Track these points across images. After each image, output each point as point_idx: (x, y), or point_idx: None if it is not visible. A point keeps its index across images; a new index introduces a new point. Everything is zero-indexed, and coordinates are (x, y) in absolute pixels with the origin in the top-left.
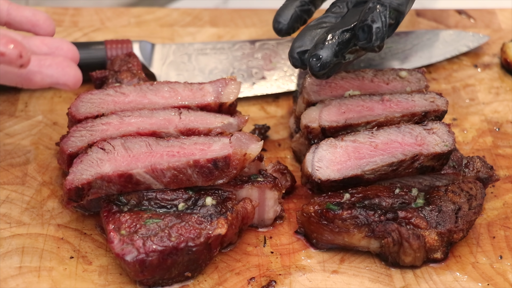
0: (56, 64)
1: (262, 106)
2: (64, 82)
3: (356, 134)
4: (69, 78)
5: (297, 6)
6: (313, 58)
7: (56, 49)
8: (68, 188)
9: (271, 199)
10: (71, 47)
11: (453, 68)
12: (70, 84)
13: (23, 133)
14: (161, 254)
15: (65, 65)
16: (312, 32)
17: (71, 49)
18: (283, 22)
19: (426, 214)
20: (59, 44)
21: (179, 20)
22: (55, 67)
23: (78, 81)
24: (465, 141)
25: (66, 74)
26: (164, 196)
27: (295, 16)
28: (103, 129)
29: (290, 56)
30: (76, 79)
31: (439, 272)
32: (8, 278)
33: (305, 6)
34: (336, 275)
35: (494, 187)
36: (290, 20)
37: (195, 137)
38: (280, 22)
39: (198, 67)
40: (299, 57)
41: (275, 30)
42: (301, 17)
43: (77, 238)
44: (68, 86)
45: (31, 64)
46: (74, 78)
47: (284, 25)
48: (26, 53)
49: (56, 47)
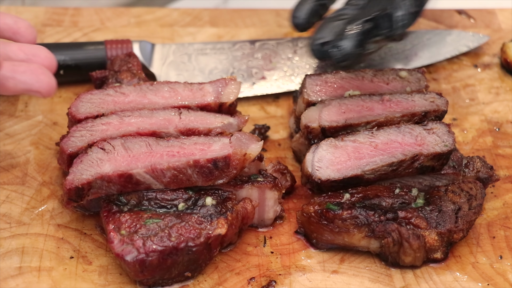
0: (30, 70)
1: (262, 106)
2: (37, 89)
3: (356, 134)
4: (42, 85)
5: (313, 1)
6: (335, 49)
7: (33, 56)
8: (68, 188)
9: (271, 199)
10: (48, 55)
11: (453, 68)
12: (43, 91)
13: (23, 133)
14: (161, 254)
15: (40, 72)
16: (332, 23)
17: (48, 57)
18: (301, 17)
19: (426, 214)
20: (36, 51)
21: (179, 20)
22: (29, 74)
23: (51, 88)
24: (465, 141)
25: (39, 81)
26: (164, 196)
27: (312, 11)
28: (103, 129)
29: (311, 47)
30: (49, 87)
31: (439, 272)
32: (8, 278)
33: (321, 0)
34: (336, 275)
35: (494, 187)
36: (307, 15)
37: (195, 137)
38: (297, 17)
39: (198, 67)
40: (319, 48)
41: (293, 25)
42: (317, 11)
43: (77, 238)
44: (41, 94)
45: (5, 70)
46: (47, 86)
47: (302, 20)
48: None
49: (33, 54)
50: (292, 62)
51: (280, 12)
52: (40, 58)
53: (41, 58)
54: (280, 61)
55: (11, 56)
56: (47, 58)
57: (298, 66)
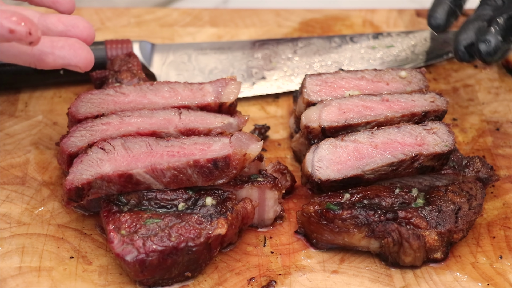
0: (68, 45)
1: (262, 106)
2: (76, 63)
3: (356, 134)
4: (80, 60)
5: (450, 1)
6: (483, 44)
7: (72, 26)
8: (68, 188)
9: (271, 199)
10: (87, 25)
11: (453, 68)
12: (82, 65)
13: (23, 133)
14: (161, 254)
15: (77, 47)
16: (474, 24)
17: (87, 27)
18: (440, 18)
19: (426, 214)
20: (75, 21)
21: (179, 20)
22: (68, 49)
23: (89, 62)
24: (465, 141)
25: (78, 56)
26: (164, 196)
27: (450, 11)
28: (103, 129)
29: (457, 49)
30: (87, 61)
31: (439, 272)
32: (8, 278)
33: (457, 1)
34: (336, 275)
35: (494, 187)
36: (446, 15)
37: (195, 137)
38: (437, 18)
39: (198, 67)
40: (465, 50)
41: (432, 26)
42: (454, 11)
43: (77, 238)
44: (80, 68)
45: (44, 45)
46: (85, 60)
47: (441, 21)
48: (36, 31)
49: (72, 24)
50: (292, 62)
51: (280, 12)
52: (79, 29)
53: (80, 29)
54: (280, 61)
55: (50, 27)
56: (85, 29)
57: (298, 66)
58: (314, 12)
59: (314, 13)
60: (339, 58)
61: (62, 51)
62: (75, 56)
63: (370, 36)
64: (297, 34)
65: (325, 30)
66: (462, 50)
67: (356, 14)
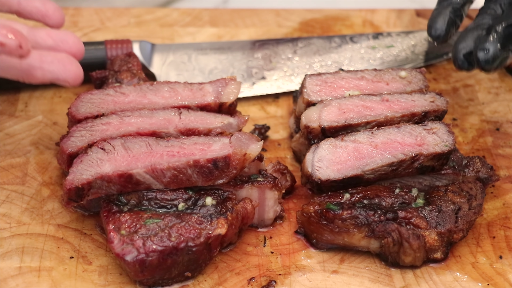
0: (57, 60)
1: (262, 106)
2: (64, 78)
3: (356, 134)
4: (69, 75)
5: (450, 12)
6: (481, 52)
7: (61, 41)
8: (68, 188)
9: (271, 199)
10: (76, 41)
11: (453, 68)
12: (70, 80)
13: (23, 133)
14: (161, 254)
15: (67, 62)
16: (473, 33)
17: (76, 43)
18: (440, 28)
19: (426, 214)
20: (64, 37)
21: (179, 20)
22: (57, 64)
23: (78, 78)
24: (465, 141)
25: (67, 71)
26: (164, 196)
27: (450, 21)
28: (103, 129)
29: (456, 58)
30: (76, 76)
31: (439, 272)
32: (8, 278)
33: (457, 11)
34: (336, 275)
35: (494, 187)
36: (446, 26)
37: (195, 137)
38: (437, 29)
39: (198, 67)
40: (465, 58)
41: (433, 37)
42: (455, 21)
43: (77, 238)
44: (68, 83)
45: (33, 59)
46: (74, 75)
47: (442, 31)
48: (26, 44)
49: (61, 39)
50: (292, 62)
51: (280, 12)
52: (68, 44)
53: (69, 44)
54: (280, 61)
55: (39, 42)
56: (74, 44)
57: (298, 66)
58: (314, 12)
59: (314, 13)
60: (339, 58)
61: (51, 65)
62: (64, 71)
63: (370, 36)
64: (297, 34)
65: (325, 30)
66: (461, 59)
67: (356, 14)
